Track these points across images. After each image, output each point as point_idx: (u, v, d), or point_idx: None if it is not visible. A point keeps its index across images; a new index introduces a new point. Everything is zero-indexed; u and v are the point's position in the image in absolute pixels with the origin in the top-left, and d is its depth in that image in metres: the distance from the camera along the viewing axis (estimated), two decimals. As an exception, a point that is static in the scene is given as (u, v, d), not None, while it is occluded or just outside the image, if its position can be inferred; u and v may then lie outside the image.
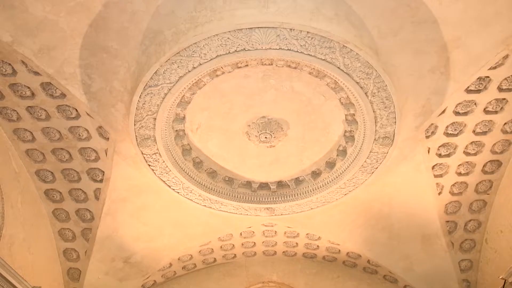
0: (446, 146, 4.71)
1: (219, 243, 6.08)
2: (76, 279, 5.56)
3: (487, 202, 5.13)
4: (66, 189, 5.03)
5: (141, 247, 5.66)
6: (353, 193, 5.23)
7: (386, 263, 5.93)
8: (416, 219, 5.33)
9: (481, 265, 5.42)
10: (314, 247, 6.25)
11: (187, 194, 5.25)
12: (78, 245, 5.41)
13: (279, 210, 5.54)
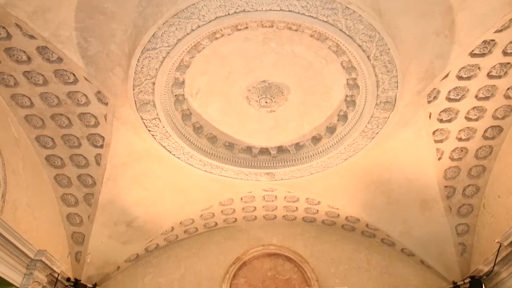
0: (448, 111, 4.67)
1: (220, 207, 6.17)
2: (80, 242, 5.66)
3: (486, 167, 5.14)
4: (67, 155, 5.04)
5: (143, 211, 5.73)
6: (353, 158, 5.25)
7: (384, 227, 6.03)
8: (415, 184, 5.37)
9: (478, 229, 5.49)
10: (314, 212, 6.34)
11: (187, 160, 5.27)
12: (81, 209, 5.47)
13: (279, 175, 5.59)
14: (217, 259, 6.49)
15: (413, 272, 6.24)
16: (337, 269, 6.35)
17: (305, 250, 6.53)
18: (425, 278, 6.15)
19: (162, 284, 6.26)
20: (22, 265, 4.64)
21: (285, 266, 6.46)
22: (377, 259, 6.42)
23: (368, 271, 6.32)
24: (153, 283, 6.28)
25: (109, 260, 6.02)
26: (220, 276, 6.30)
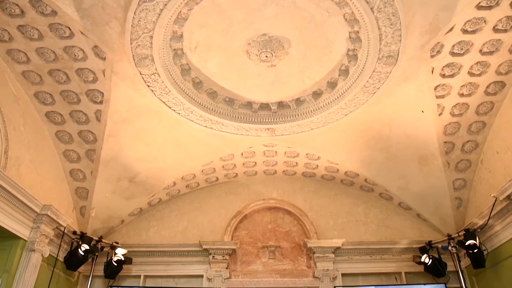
0: (451, 66, 4.59)
1: (220, 163, 6.23)
2: (84, 197, 5.78)
3: (486, 123, 5.13)
4: (66, 111, 5.02)
5: (145, 167, 5.80)
6: (354, 113, 5.24)
7: (382, 181, 6.13)
8: (414, 140, 5.39)
9: (475, 184, 5.58)
10: (314, 167, 6.41)
11: (187, 115, 5.26)
12: (84, 165, 5.54)
13: (279, 130, 5.60)
14: (219, 212, 6.65)
15: (409, 225, 6.42)
16: (336, 222, 6.53)
17: (304, 204, 6.67)
18: (420, 231, 6.33)
19: (165, 236, 6.45)
20: (28, 219, 4.78)
21: (285, 219, 6.63)
22: (374, 212, 6.59)
23: (365, 224, 6.50)
24: (156, 235, 6.48)
25: (113, 214, 6.18)
26: (222, 228, 6.48)
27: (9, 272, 4.57)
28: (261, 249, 6.36)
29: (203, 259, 6.19)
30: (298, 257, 6.30)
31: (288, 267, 6.21)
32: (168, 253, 6.22)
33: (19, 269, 4.66)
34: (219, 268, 6.10)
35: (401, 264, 6.09)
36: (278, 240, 6.42)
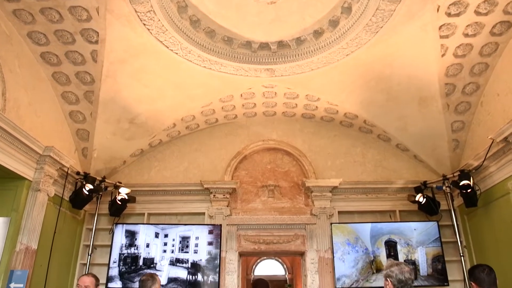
0: (457, 4, 4.40)
1: (220, 104, 6.21)
2: (85, 139, 5.83)
3: (489, 65, 5.03)
4: (62, 52, 4.90)
5: (144, 108, 5.79)
6: (355, 53, 5.13)
7: (381, 123, 6.15)
8: (415, 81, 5.33)
9: (473, 126, 5.60)
10: (313, 108, 6.40)
11: (185, 55, 5.16)
12: (83, 107, 5.52)
13: (279, 71, 5.52)
14: (219, 153, 6.75)
15: (406, 166, 6.55)
16: (334, 163, 6.65)
17: (303, 145, 6.75)
18: (416, 172, 6.47)
19: (167, 176, 6.61)
20: (32, 160, 4.86)
21: (284, 160, 6.74)
22: (372, 153, 6.68)
23: (363, 165, 6.62)
24: (158, 175, 6.63)
25: (115, 155, 6.27)
26: (222, 169, 6.61)
27: (17, 211, 4.74)
28: (260, 188, 6.54)
29: (205, 198, 6.38)
30: (296, 195, 6.50)
31: (287, 205, 6.42)
32: (170, 192, 6.41)
33: (26, 208, 4.83)
34: (220, 206, 6.31)
35: (396, 203, 6.30)
36: (277, 180, 6.59)
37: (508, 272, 4.65)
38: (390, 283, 2.81)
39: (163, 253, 5.79)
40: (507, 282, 4.47)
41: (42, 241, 5.00)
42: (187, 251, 5.80)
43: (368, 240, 5.84)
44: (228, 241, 6.15)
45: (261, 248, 6.23)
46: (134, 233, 5.88)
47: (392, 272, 2.81)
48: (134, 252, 5.77)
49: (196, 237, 5.87)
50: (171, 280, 5.63)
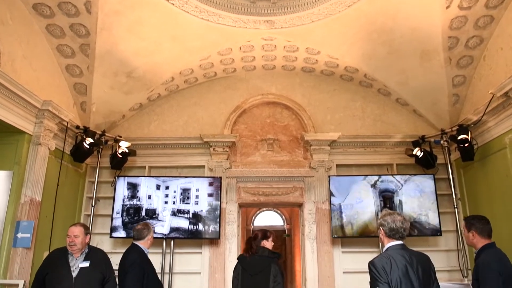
0: (465, -48, 4.21)
1: (218, 57, 6.10)
2: (83, 93, 5.79)
3: (495, 18, 4.86)
4: (54, 3, 4.73)
5: (141, 61, 5.70)
6: (357, 4, 4.97)
7: (382, 77, 6.07)
8: (418, 34, 5.19)
9: (474, 81, 5.52)
10: (313, 62, 6.29)
11: (182, 6, 5.00)
12: (79, 60, 5.43)
13: (279, 23, 5.38)
14: (218, 107, 6.73)
15: (405, 121, 6.55)
16: (333, 117, 6.65)
17: (303, 99, 6.71)
18: (415, 126, 6.48)
19: (167, 130, 6.63)
20: (31, 115, 4.87)
21: (283, 114, 6.74)
22: (371, 108, 6.66)
23: (362, 119, 6.62)
24: (158, 129, 6.65)
25: (114, 109, 6.26)
26: (222, 122, 6.63)
27: (20, 164, 4.82)
28: (259, 142, 6.59)
29: (204, 151, 6.45)
30: (295, 149, 6.56)
31: (286, 158, 6.50)
32: (170, 146, 6.47)
33: (28, 162, 4.91)
34: (219, 159, 6.39)
35: (394, 157, 6.38)
36: (276, 134, 6.62)
37: (500, 224, 4.79)
38: (383, 231, 2.97)
39: (165, 204, 5.94)
40: (500, 233, 4.58)
41: (46, 194, 5.13)
42: (188, 202, 5.95)
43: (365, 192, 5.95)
44: (228, 193, 6.29)
45: (260, 200, 6.38)
46: (135, 185, 6.00)
47: (385, 221, 2.96)
48: (137, 204, 5.93)
49: (196, 189, 5.99)
50: (173, 229, 5.82)
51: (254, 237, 4.36)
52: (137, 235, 4.13)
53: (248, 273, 4.10)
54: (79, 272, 3.77)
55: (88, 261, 3.85)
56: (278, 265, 4.05)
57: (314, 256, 6.01)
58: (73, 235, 3.85)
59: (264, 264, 4.05)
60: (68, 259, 3.84)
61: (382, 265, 2.74)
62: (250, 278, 4.06)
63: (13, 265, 4.55)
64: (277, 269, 3.98)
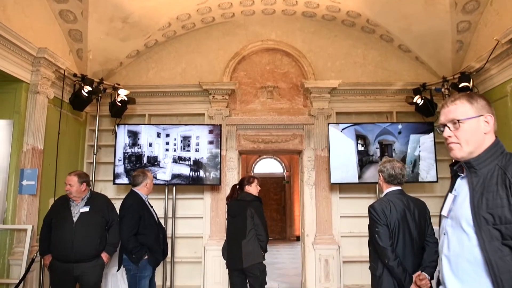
0: None
1: (216, 1, 5.88)
2: (79, 40, 5.65)
3: (505, -44, 4.65)
4: None
5: (137, 6, 5.50)
6: None
7: (384, 22, 5.89)
8: (424, -24, 4.98)
9: (479, 27, 5.34)
10: (314, 6, 6.07)
11: None
12: (72, 6, 5.23)
13: (279, -35, 5.14)
14: (217, 54, 6.60)
15: (407, 68, 6.46)
16: (334, 64, 6.54)
17: (303, 45, 6.57)
18: (417, 74, 6.40)
19: (165, 78, 6.56)
20: (27, 63, 4.81)
21: (283, 61, 6.62)
22: (373, 54, 6.53)
23: (363, 66, 6.52)
24: (156, 77, 6.58)
25: (111, 56, 6.14)
26: (221, 70, 6.53)
27: (19, 113, 4.83)
28: (259, 89, 6.54)
29: (204, 99, 6.42)
30: (295, 97, 6.53)
31: (285, 106, 6.49)
32: (170, 94, 6.43)
33: (28, 110, 4.91)
34: (219, 107, 6.38)
35: (394, 104, 6.36)
36: (276, 81, 6.55)
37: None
38: (382, 177, 3.14)
39: (166, 152, 6.01)
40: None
41: (48, 142, 5.18)
42: (188, 149, 6.02)
43: (363, 139, 6.00)
44: (228, 140, 6.35)
45: (260, 147, 6.46)
46: (136, 133, 6.04)
47: (384, 167, 3.11)
48: (138, 151, 6.00)
49: (197, 136, 6.04)
50: (175, 176, 5.94)
51: (239, 183, 4.52)
52: (133, 181, 4.30)
53: (230, 216, 4.37)
54: (80, 216, 3.93)
55: (89, 206, 3.98)
56: (256, 208, 4.20)
57: (312, 202, 6.19)
58: (69, 184, 3.98)
59: (241, 208, 4.25)
60: (70, 205, 3.99)
61: (382, 209, 2.91)
62: (232, 220, 4.34)
63: (21, 211, 4.71)
64: (253, 211, 4.17)
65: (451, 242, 1.58)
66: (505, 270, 1.36)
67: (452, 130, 1.66)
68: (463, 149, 1.64)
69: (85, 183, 4.05)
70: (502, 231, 1.39)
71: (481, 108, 1.64)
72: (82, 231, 3.85)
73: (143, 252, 3.97)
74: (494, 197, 1.43)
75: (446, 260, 1.59)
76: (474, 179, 1.56)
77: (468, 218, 1.49)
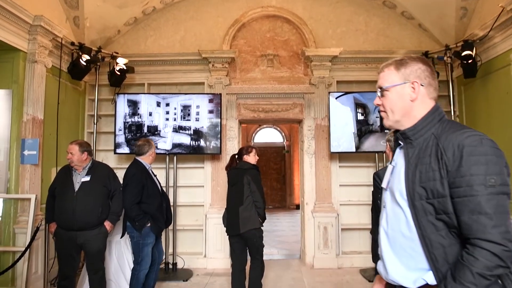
0: None
1: (215, -34, 5.74)
2: (75, 7, 5.50)
3: None
4: None
5: (134, -29, 5.37)
6: None
7: (388, -12, 5.77)
8: None
9: (484, -8, 5.24)
10: (316, -29, 5.93)
11: None
12: (67, -30, 5.11)
13: None
14: (216, 21, 6.47)
15: (409, 35, 6.34)
16: (335, 31, 6.43)
17: (304, 12, 6.42)
18: (419, 41, 6.30)
19: (164, 46, 6.46)
20: (23, 31, 4.73)
21: (283, 28, 6.50)
22: (375, 22, 6.41)
23: (365, 33, 6.41)
24: (155, 45, 6.47)
25: (108, 24, 6.02)
26: (220, 37, 6.43)
27: (18, 83, 4.80)
28: (259, 58, 6.46)
29: (203, 68, 6.35)
30: (295, 65, 6.46)
31: (286, 75, 6.43)
32: (169, 62, 6.35)
33: (26, 80, 4.87)
34: (219, 75, 6.32)
35: (395, 73, 6.28)
36: (277, 49, 6.46)
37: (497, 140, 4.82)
38: (389, 147, 3.14)
39: (166, 121, 6.01)
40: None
41: (48, 112, 5.17)
42: (188, 119, 6.01)
43: (364, 108, 5.98)
44: (228, 109, 6.33)
45: (260, 116, 6.45)
46: (136, 102, 6.01)
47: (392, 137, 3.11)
48: (138, 121, 5.99)
49: (197, 105, 6.02)
50: (176, 145, 5.96)
51: (238, 153, 4.57)
52: (138, 150, 4.30)
53: (230, 184, 4.47)
54: (81, 185, 3.97)
55: (90, 175, 4.02)
56: (252, 175, 4.28)
57: (312, 171, 6.24)
58: (70, 152, 4.00)
59: (239, 176, 4.34)
60: (72, 175, 4.02)
61: None
62: (231, 188, 4.44)
63: (24, 181, 4.76)
64: (250, 178, 4.24)
65: (389, 216, 1.50)
66: (438, 246, 1.32)
67: (380, 98, 1.57)
68: (389, 118, 1.54)
69: (86, 152, 4.07)
70: (435, 206, 1.32)
71: (409, 74, 1.49)
72: (83, 200, 3.90)
73: (145, 220, 4.05)
74: (427, 169, 1.35)
75: (385, 234, 1.51)
76: (410, 150, 1.45)
77: (402, 191, 1.42)
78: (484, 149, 1.29)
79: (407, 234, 1.40)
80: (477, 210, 1.23)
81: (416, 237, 1.37)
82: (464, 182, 1.26)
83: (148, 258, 4.15)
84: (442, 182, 1.31)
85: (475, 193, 1.24)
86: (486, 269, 1.21)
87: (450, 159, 1.30)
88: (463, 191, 1.26)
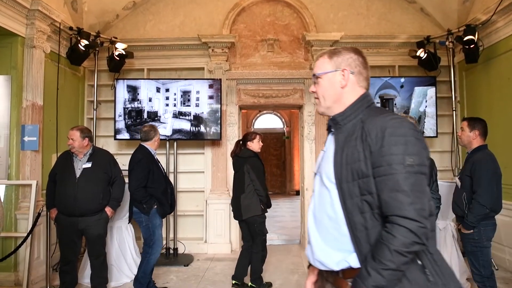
0: None
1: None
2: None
3: None
4: None
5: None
6: None
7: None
8: None
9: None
10: (317, -46, 5.82)
11: None
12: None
13: None
14: (216, 5, 6.38)
15: (411, 20, 6.27)
16: (336, 15, 6.35)
17: (309, 0, 6.35)
18: (421, 26, 6.22)
19: (163, 30, 6.39)
20: (21, 16, 4.67)
21: (284, 12, 6.42)
22: (377, 6, 6.32)
23: (366, 18, 6.33)
24: (154, 30, 6.40)
25: (107, 8, 5.95)
26: (220, 22, 6.35)
27: (16, 69, 4.76)
28: (259, 42, 6.40)
29: (203, 53, 6.30)
30: (296, 50, 6.40)
31: (286, 60, 6.38)
32: (168, 47, 6.29)
33: (25, 65, 4.83)
34: (219, 60, 6.27)
35: (397, 58, 6.25)
36: (277, 34, 6.39)
37: (497, 126, 4.87)
38: None
39: (166, 107, 5.99)
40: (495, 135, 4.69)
41: (47, 98, 5.14)
42: (188, 104, 5.99)
43: (364, 95, 5.95)
44: (228, 95, 6.30)
45: (261, 102, 6.42)
46: (135, 88, 5.98)
47: None
48: (138, 106, 5.97)
49: (196, 91, 5.99)
50: (176, 131, 5.95)
51: (243, 138, 4.60)
52: (144, 136, 4.28)
53: (234, 171, 4.58)
54: (82, 172, 3.97)
55: (91, 162, 4.02)
56: (252, 164, 4.35)
57: (312, 156, 6.25)
58: (71, 138, 3.99)
59: (239, 164, 4.45)
60: (73, 161, 4.02)
61: None
62: (234, 175, 4.59)
63: (24, 167, 4.76)
64: (249, 167, 4.32)
65: (316, 199, 1.53)
66: (362, 228, 1.34)
67: (314, 85, 1.62)
68: (321, 104, 1.59)
69: (87, 138, 4.05)
70: (360, 186, 1.35)
71: (341, 62, 1.55)
72: (84, 187, 3.91)
73: (152, 202, 4.07)
74: (352, 151, 1.39)
75: (312, 216, 1.53)
76: (340, 135, 1.49)
77: (329, 174, 1.44)
78: (404, 130, 1.32)
79: (332, 216, 1.42)
80: (395, 188, 1.27)
81: (342, 219, 1.39)
82: (385, 161, 1.30)
83: (160, 241, 4.18)
84: (366, 162, 1.34)
85: (393, 171, 1.28)
86: (403, 246, 1.23)
87: (373, 140, 1.34)
88: (383, 170, 1.30)
